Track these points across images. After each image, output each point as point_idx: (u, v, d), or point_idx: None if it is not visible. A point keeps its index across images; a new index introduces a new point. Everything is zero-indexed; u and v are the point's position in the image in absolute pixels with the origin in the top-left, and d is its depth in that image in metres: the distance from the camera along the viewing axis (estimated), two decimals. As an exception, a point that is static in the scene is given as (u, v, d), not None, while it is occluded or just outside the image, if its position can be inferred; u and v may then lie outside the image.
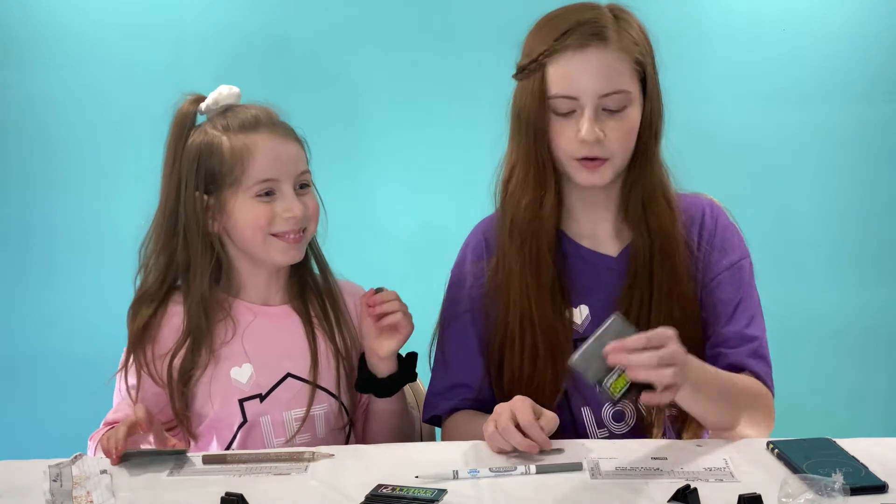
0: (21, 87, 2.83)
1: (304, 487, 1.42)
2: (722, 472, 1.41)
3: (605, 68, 1.54)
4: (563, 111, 1.56)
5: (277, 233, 1.65)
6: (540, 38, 1.58)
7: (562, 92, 1.55)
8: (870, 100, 2.87)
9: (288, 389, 1.70)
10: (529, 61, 1.58)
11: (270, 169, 1.63)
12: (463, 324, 1.70)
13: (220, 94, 1.68)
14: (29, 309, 2.91)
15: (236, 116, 1.65)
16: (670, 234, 1.64)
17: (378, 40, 2.83)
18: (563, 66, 1.55)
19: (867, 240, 2.93)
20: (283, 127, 1.68)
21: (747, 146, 2.81)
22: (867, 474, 1.38)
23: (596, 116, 1.55)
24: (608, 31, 1.55)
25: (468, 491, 1.38)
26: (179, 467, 1.50)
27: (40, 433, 2.78)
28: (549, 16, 1.62)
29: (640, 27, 1.62)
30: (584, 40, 1.54)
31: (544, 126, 1.58)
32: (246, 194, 1.63)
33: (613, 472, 1.41)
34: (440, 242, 2.91)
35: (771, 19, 2.84)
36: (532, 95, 1.57)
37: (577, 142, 1.56)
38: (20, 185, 2.88)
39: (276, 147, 1.64)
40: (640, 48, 1.58)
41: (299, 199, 1.65)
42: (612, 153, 1.57)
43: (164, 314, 1.69)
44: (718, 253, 1.68)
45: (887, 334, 2.96)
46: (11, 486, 1.44)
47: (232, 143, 1.63)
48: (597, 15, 1.58)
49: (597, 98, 1.54)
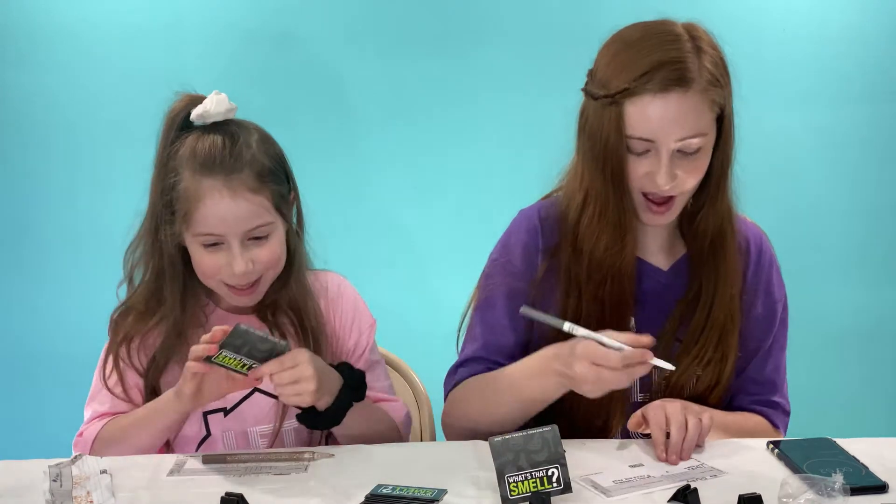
0: (20, 87, 2.83)
1: (304, 487, 1.42)
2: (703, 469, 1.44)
3: (685, 114, 1.49)
4: (638, 151, 1.53)
5: (226, 282, 1.60)
6: (618, 69, 1.52)
7: (639, 134, 1.50)
8: (870, 100, 2.86)
9: (254, 405, 1.66)
10: (606, 94, 1.52)
11: (215, 224, 1.56)
12: (501, 306, 1.66)
13: (212, 107, 1.59)
14: (28, 309, 2.91)
15: (204, 146, 1.57)
16: (734, 270, 1.64)
17: (377, 40, 2.83)
18: (642, 108, 1.49)
19: (868, 240, 2.93)
20: (240, 178, 1.55)
21: (747, 146, 2.80)
22: (867, 474, 1.38)
23: (671, 160, 1.51)
24: (690, 73, 1.49)
25: (468, 491, 1.39)
26: (179, 467, 1.50)
27: (40, 433, 2.78)
28: (626, 39, 1.55)
29: (718, 54, 1.55)
30: (665, 84, 1.48)
31: (622, 163, 1.53)
32: (195, 238, 1.58)
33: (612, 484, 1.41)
34: (440, 241, 2.94)
35: (771, 20, 2.84)
36: (609, 129, 1.52)
37: (648, 180, 1.53)
38: (20, 185, 2.87)
39: (222, 202, 1.54)
40: (719, 86, 1.52)
41: (249, 253, 1.57)
42: (682, 191, 1.55)
43: (145, 327, 1.65)
44: (764, 293, 1.69)
45: (888, 335, 2.96)
46: (11, 486, 1.44)
47: (186, 183, 1.56)
48: (678, 51, 1.50)
49: (673, 142, 1.50)
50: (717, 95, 1.52)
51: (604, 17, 1.53)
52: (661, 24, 1.56)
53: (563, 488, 1.30)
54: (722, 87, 1.53)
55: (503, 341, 1.65)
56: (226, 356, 1.46)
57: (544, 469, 1.30)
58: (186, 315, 1.65)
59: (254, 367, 1.46)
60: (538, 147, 2.81)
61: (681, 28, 1.55)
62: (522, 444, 1.31)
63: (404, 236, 2.89)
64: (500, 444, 1.31)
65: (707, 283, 1.63)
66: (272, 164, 1.60)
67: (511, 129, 2.85)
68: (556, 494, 1.30)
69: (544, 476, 1.30)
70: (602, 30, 1.62)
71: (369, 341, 1.76)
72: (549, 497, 1.30)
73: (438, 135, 2.86)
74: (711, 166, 1.57)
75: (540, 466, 1.30)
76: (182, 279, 1.63)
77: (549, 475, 1.30)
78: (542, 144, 2.81)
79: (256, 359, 1.46)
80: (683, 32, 1.54)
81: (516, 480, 1.30)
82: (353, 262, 1.81)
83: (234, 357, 1.46)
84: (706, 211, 1.61)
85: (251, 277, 1.60)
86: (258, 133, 1.63)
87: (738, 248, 1.65)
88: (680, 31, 1.54)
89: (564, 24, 2.80)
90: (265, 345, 1.46)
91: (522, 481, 1.30)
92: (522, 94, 2.83)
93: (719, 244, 1.63)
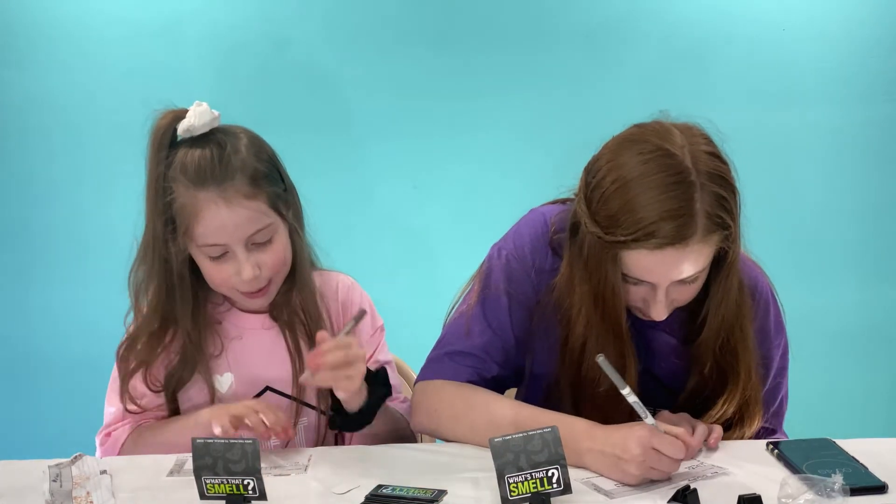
0: (21, 87, 2.83)
1: (304, 487, 1.42)
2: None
3: (683, 263, 1.44)
4: (633, 282, 1.50)
5: (238, 289, 1.61)
6: (614, 218, 1.43)
7: (635, 276, 1.47)
8: (870, 100, 2.87)
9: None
10: (601, 238, 1.45)
11: (216, 235, 1.56)
12: (502, 303, 1.63)
13: (196, 120, 1.58)
14: (29, 309, 2.91)
15: (194, 160, 1.57)
16: (744, 328, 1.59)
17: (377, 40, 2.83)
18: (638, 260, 1.44)
19: (867, 240, 2.93)
20: (233, 186, 1.56)
21: (747, 146, 2.80)
22: (867, 474, 1.38)
23: (668, 290, 1.48)
24: (689, 229, 1.40)
25: (468, 491, 1.39)
26: (179, 467, 1.50)
27: (40, 433, 2.78)
28: (626, 177, 1.43)
29: (719, 176, 1.45)
30: (662, 244, 1.41)
31: (617, 290, 1.50)
32: (200, 250, 1.59)
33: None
34: (438, 240, 2.94)
35: (771, 20, 2.84)
36: (606, 262, 1.47)
37: (643, 304, 1.51)
38: (20, 185, 2.88)
39: (219, 213, 1.55)
40: (720, 228, 1.44)
41: (255, 257, 1.58)
42: (679, 305, 1.54)
43: (159, 346, 1.65)
44: (761, 334, 1.64)
45: (888, 335, 2.96)
46: (11, 486, 1.44)
47: (182, 199, 1.56)
48: (677, 200, 1.40)
49: (671, 282, 1.47)
50: (717, 237, 1.45)
51: (604, 18, 1.53)
52: (662, 156, 1.44)
53: (563, 489, 1.30)
54: (723, 227, 1.44)
55: (500, 343, 1.63)
56: (211, 484, 1.34)
57: (544, 470, 1.30)
58: (200, 326, 1.65)
59: (246, 484, 1.34)
60: (540, 147, 2.85)
61: (680, 157, 1.43)
62: (523, 444, 1.30)
63: (403, 235, 2.89)
64: (501, 444, 1.31)
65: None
66: (264, 167, 1.60)
67: (513, 130, 2.85)
68: (556, 495, 1.30)
69: (544, 477, 1.30)
70: (602, 31, 1.61)
71: (379, 342, 1.77)
72: (549, 498, 1.30)
73: (439, 134, 2.86)
74: (717, 274, 1.52)
75: (540, 467, 1.30)
76: (192, 290, 1.64)
77: (550, 476, 1.30)
78: (543, 144, 2.85)
79: (236, 472, 1.34)
80: (683, 162, 1.42)
81: (516, 481, 1.30)
82: (353, 265, 1.81)
83: (220, 481, 1.34)
84: (712, 307, 1.56)
85: (261, 282, 1.61)
86: (246, 137, 1.62)
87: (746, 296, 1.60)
88: (680, 162, 1.42)
89: (565, 24, 2.80)
90: (233, 453, 1.34)
91: (522, 482, 1.30)
92: (523, 94, 2.83)
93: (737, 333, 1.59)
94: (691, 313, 1.58)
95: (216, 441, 1.34)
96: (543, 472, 1.30)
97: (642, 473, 1.39)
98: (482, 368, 1.62)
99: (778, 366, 1.66)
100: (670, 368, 1.61)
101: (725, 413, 1.57)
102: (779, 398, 1.68)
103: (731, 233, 1.46)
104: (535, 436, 1.31)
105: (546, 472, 1.30)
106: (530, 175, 2.74)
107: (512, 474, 1.30)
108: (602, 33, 2.78)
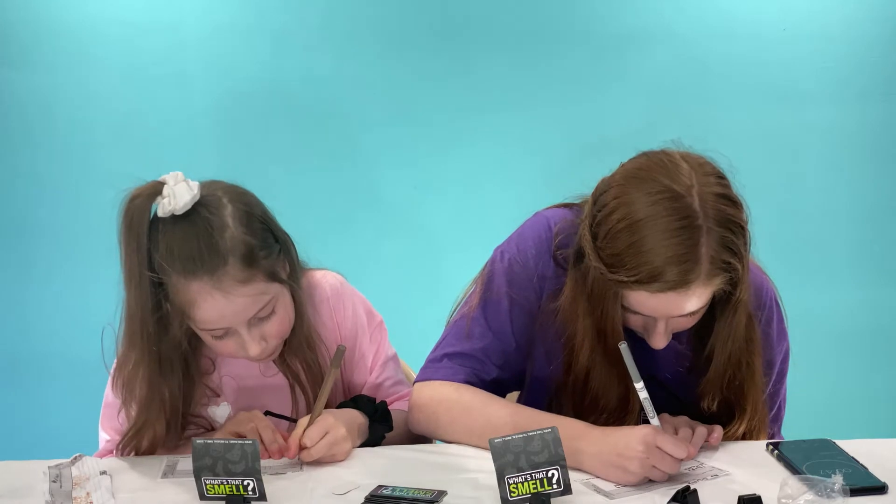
0: (21, 87, 2.83)
1: (304, 488, 1.42)
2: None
3: (684, 304, 1.43)
4: (633, 313, 1.49)
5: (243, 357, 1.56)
6: (618, 258, 1.41)
7: (636, 310, 1.47)
8: (870, 100, 2.87)
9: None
10: (605, 276, 1.44)
11: (216, 322, 1.49)
12: (503, 306, 1.62)
13: (177, 200, 1.46)
14: (29, 309, 2.91)
15: (180, 246, 1.45)
16: (752, 363, 1.57)
17: (378, 39, 2.83)
18: (640, 300, 1.44)
19: (867, 240, 2.93)
20: (227, 274, 1.46)
21: (747, 146, 2.81)
22: (867, 475, 1.38)
23: (667, 323, 1.48)
24: (692, 275, 1.39)
25: (468, 492, 1.38)
26: (172, 469, 1.50)
27: (40, 433, 2.79)
28: (632, 217, 1.41)
29: (731, 213, 1.42)
30: (664, 289, 1.40)
31: (617, 327, 1.50)
32: (201, 331, 1.53)
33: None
34: (438, 240, 2.94)
35: (771, 19, 2.84)
36: (608, 295, 1.47)
37: (644, 331, 1.51)
38: (20, 185, 2.88)
39: (216, 304, 1.46)
40: (724, 270, 1.42)
41: (259, 330, 1.52)
42: (680, 331, 1.54)
43: (157, 425, 1.56)
44: (764, 340, 1.62)
45: (888, 335, 2.96)
46: (11, 486, 1.44)
47: (175, 284, 1.46)
48: (681, 246, 1.38)
49: (670, 318, 1.47)
50: (721, 280, 1.43)
51: (604, 20, 1.52)
52: (670, 198, 1.40)
53: (563, 490, 1.30)
54: (727, 270, 1.42)
55: (500, 346, 1.63)
56: (211, 485, 1.35)
57: (544, 470, 1.30)
58: (193, 374, 1.60)
59: (246, 484, 1.35)
60: (542, 146, 2.85)
61: (688, 201, 1.40)
62: (523, 445, 1.31)
63: (402, 235, 2.90)
64: (501, 445, 1.31)
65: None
66: (255, 238, 1.50)
67: (516, 131, 2.85)
68: (556, 496, 1.30)
69: (544, 477, 1.30)
70: (603, 32, 1.61)
71: (381, 338, 1.75)
72: (549, 498, 1.30)
73: (441, 136, 2.86)
74: (724, 306, 1.51)
75: (540, 468, 1.30)
76: (184, 365, 1.57)
77: (550, 476, 1.30)
78: (546, 146, 2.85)
79: (236, 473, 1.34)
80: (692, 205, 1.39)
81: (516, 482, 1.30)
82: (355, 265, 1.81)
83: (219, 482, 1.35)
84: (719, 342, 1.55)
85: (269, 351, 1.57)
86: (231, 205, 1.50)
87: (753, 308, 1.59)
88: (688, 205, 1.40)
89: (565, 25, 2.80)
90: (233, 454, 1.35)
91: (522, 482, 1.30)
92: (527, 95, 2.83)
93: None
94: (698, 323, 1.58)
95: (216, 442, 1.34)
96: (543, 472, 1.30)
97: (643, 471, 1.39)
98: (481, 371, 1.62)
99: (778, 371, 1.66)
100: (676, 376, 1.61)
101: (731, 437, 1.57)
102: (777, 403, 1.68)
103: (736, 274, 1.44)
104: (535, 436, 1.31)
105: (546, 472, 1.30)
106: (533, 176, 2.75)
107: (512, 475, 1.30)
108: (602, 34, 2.78)
